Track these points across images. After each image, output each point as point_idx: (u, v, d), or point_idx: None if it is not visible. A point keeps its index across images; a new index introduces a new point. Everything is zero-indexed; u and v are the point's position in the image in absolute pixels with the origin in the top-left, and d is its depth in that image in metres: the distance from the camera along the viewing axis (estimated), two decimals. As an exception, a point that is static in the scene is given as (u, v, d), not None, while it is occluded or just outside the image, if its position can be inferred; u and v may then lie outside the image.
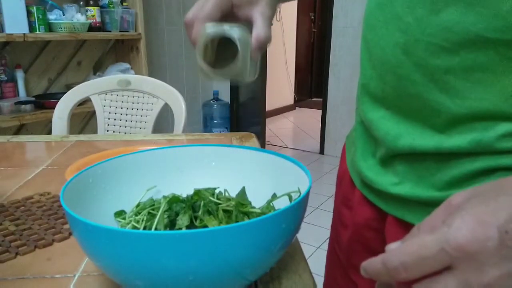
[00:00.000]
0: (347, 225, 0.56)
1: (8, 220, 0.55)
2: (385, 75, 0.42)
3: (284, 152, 3.58)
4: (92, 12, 2.25)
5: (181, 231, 0.34)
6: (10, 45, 2.12)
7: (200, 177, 0.52)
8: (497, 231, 0.25)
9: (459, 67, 0.36)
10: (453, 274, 0.26)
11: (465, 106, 0.36)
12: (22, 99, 2.11)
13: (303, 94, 5.61)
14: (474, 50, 0.34)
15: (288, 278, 0.43)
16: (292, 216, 0.38)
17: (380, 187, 0.46)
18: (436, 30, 0.36)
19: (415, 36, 0.37)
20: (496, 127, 0.36)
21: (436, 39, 0.36)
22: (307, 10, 5.31)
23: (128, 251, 0.32)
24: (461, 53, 0.35)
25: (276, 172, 0.49)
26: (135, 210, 0.47)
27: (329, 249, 0.64)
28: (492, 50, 0.34)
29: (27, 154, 0.92)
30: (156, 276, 0.33)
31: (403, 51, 0.39)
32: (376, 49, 0.43)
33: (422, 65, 0.38)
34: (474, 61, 0.35)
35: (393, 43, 0.40)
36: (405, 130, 0.42)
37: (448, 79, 0.37)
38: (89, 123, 2.56)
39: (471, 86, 0.36)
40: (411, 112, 0.41)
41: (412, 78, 0.39)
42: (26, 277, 0.44)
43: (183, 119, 1.29)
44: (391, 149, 0.44)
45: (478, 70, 0.35)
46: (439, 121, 0.39)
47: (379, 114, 0.45)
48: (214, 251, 0.33)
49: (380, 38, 0.42)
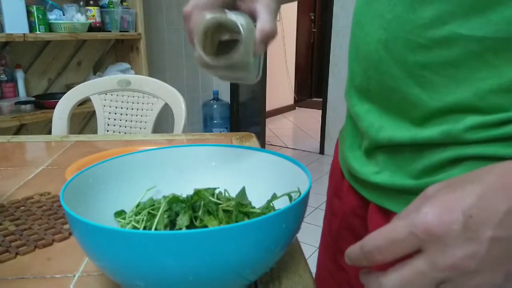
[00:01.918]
0: (337, 213, 0.58)
1: (8, 220, 0.55)
2: (369, 70, 0.44)
3: (284, 152, 3.58)
4: (92, 12, 2.25)
5: (181, 231, 0.34)
6: (10, 45, 2.12)
7: (200, 177, 0.52)
8: (461, 215, 0.27)
9: (434, 63, 0.37)
10: (421, 256, 0.28)
11: (439, 100, 0.38)
12: (22, 99, 2.11)
13: (303, 94, 5.61)
14: (448, 47, 0.36)
15: (288, 278, 0.43)
16: (292, 216, 0.38)
17: (363, 176, 0.48)
18: (413, 27, 0.37)
19: (394, 33, 0.39)
20: (465, 119, 0.37)
21: (414, 36, 0.38)
22: (307, 10, 5.31)
23: (128, 251, 0.32)
24: (436, 50, 0.37)
25: (276, 172, 0.49)
26: (135, 210, 0.47)
27: (322, 238, 0.66)
28: (464, 47, 0.35)
29: (27, 154, 0.92)
30: (156, 276, 0.33)
31: (384, 47, 0.40)
32: (362, 45, 0.44)
33: (401, 60, 0.39)
34: (448, 58, 0.36)
35: (376, 40, 0.41)
36: (387, 122, 0.43)
37: (425, 74, 0.38)
38: (89, 123, 2.56)
39: (444, 81, 0.37)
40: (392, 106, 0.43)
41: (392, 73, 0.40)
42: (26, 277, 0.44)
43: (183, 119, 1.29)
44: (373, 141, 0.45)
45: (451, 66, 0.36)
46: (416, 114, 0.40)
47: (364, 107, 0.47)
48: (214, 251, 0.33)
49: (366, 35, 0.43)
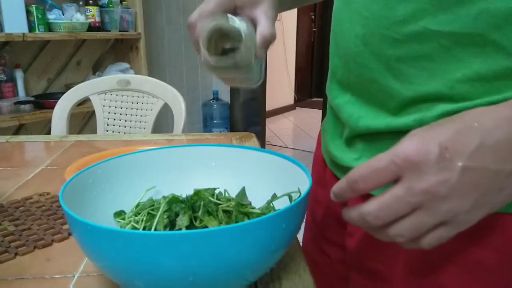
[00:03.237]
0: (321, 201, 0.60)
1: (8, 221, 0.55)
2: (348, 63, 0.46)
3: (284, 152, 3.58)
4: (91, 11, 2.25)
5: (181, 232, 0.34)
6: (9, 45, 2.11)
7: (200, 177, 0.52)
8: (438, 146, 0.30)
9: (408, 56, 0.40)
10: (399, 183, 0.31)
11: (412, 90, 0.41)
12: (21, 99, 2.10)
13: (303, 94, 5.61)
14: (420, 42, 0.39)
15: (288, 279, 0.43)
16: (292, 216, 0.38)
17: (344, 163, 0.50)
18: (389, 24, 0.40)
19: (372, 29, 0.42)
20: (436, 107, 0.40)
21: (389, 32, 0.40)
22: (307, 10, 5.31)
23: (128, 251, 0.32)
24: (410, 44, 0.39)
25: (276, 172, 0.49)
26: (134, 211, 0.47)
27: (306, 227, 0.68)
28: (435, 42, 0.38)
29: (26, 154, 0.92)
30: (155, 277, 0.33)
31: (363, 42, 0.43)
32: (341, 40, 0.47)
33: (378, 54, 0.42)
34: (421, 51, 0.39)
35: (355, 35, 0.44)
36: (365, 112, 0.46)
37: (400, 66, 0.41)
38: (89, 123, 2.56)
39: (418, 72, 0.40)
40: (370, 97, 0.45)
41: (370, 66, 0.43)
42: (26, 277, 0.44)
43: (183, 119, 1.29)
44: (353, 130, 0.48)
45: (423, 59, 0.39)
46: (392, 103, 0.43)
47: (345, 99, 0.49)
48: (214, 251, 0.32)
49: (345, 31, 0.46)
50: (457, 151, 0.30)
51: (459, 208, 0.31)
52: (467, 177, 0.30)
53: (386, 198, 0.32)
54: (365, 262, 0.50)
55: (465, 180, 0.30)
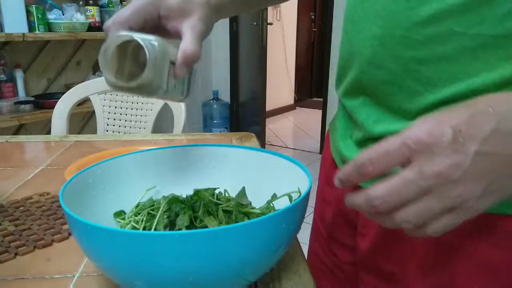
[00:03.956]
0: (330, 201, 0.59)
1: (8, 221, 0.55)
2: (363, 64, 0.45)
3: (284, 152, 3.58)
4: (91, 11, 2.25)
5: (181, 231, 0.34)
6: (9, 45, 2.12)
7: (200, 177, 0.52)
8: (451, 129, 0.29)
9: (430, 58, 0.39)
10: (410, 166, 0.30)
11: (434, 93, 0.39)
12: (21, 99, 2.11)
13: (303, 94, 5.61)
14: (444, 43, 0.37)
15: (288, 279, 0.43)
16: (292, 216, 0.38)
17: None
18: (410, 25, 0.39)
19: (391, 29, 0.40)
20: None
21: (410, 33, 0.39)
22: (307, 10, 5.31)
23: (128, 251, 0.32)
24: (432, 46, 0.38)
25: (276, 172, 0.49)
26: (134, 211, 0.47)
27: (313, 227, 0.67)
28: (459, 44, 0.37)
29: (26, 154, 0.92)
30: (156, 277, 0.33)
31: (380, 43, 0.42)
32: (355, 40, 0.46)
33: (397, 56, 0.41)
34: (443, 53, 0.38)
35: (371, 36, 0.42)
36: (383, 116, 0.45)
37: (420, 69, 0.39)
38: (89, 123, 2.56)
39: (439, 75, 0.39)
40: (386, 99, 0.44)
41: (388, 68, 0.42)
42: (26, 277, 0.44)
43: (183, 119, 1.29)
44: (368, 133, 0.46)
45: (446, 61, 0.38)
46: (412, 107, 0.41)
47: (358, 101, 0.48)
48: (214, 251, 0.32)
49: (359, 31, 0.44)
50: (471, 135, 0.29)
51: (470, 194, 0.30)
52: (480, 162, 0.29)
53: (396, 182, 0.31)
54: (377, 263, 0.49)
55: (478, 165, 0.29)
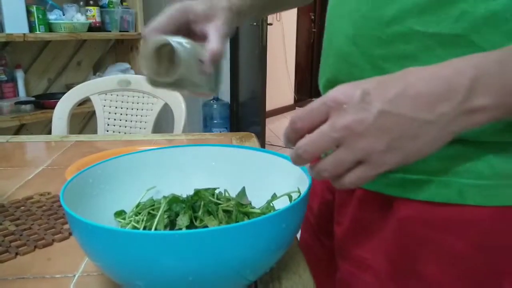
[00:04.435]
0: (317, 192, 0.62)
1: (8, 220, 0.55)
2: (340, 62, 0.48)
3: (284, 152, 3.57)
4: (92, 12, 2.25)
5: (181, 231, 0.34)
6: (10, 45, 2.12)
7: (200, 177, 0.52)
8: (361, 91, 0.34)
9: (394, 56, 0.42)
10: (326, 122, 0.35)
11: None
12: (22, 99, 2.10)
13: (303, 94, 5.61)
14: (406, 42, 0.41)
15: (288, 278, 0.43)
16: (292, 216, 0.38)
17: None
18: (377, 25, 0.42)
19: (361, 29, 0.44)
20: None
21: (377, 32, 0.42)
22: (307, 10, 5.31)
23: (128, 251, 0.32)
24: (396, 44, 0.41)
25: (276, 172, 0.49)
26: (135, 210, 0.47)
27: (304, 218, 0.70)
28: (420, 42, 0.40)
29: (27, 154, 0.92)
30: (156, 276, 0.33)
31: (353, 42, 0.45)
32: (334, 40, 0.49)
33: (367, 54, 0.44)
34: (406, 51, 0.41)
35: (345, 35, 0.46)
36: None
37: (387, 66, 0.42)
38: (89, 123, 2.56)
39: None
40: None
41: (359, 65, 0.45)
42: (26, 277, 0.44)
43: (183, 119, 1.29)
44: None
45: (408, 58, 0.40)
46: None
47: None
48: (214, 251, 0.33)
49: (337, 31, 0.48)
50: (377, 96, 0.34)
51: (373, 147, 0.34)
52: (382, 120, 0.33)
53: (315, 134, 0.35)
54: (351, 250, 0.52)
55: (381, 121, 0.33)
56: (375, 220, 0.48)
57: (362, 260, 0.50)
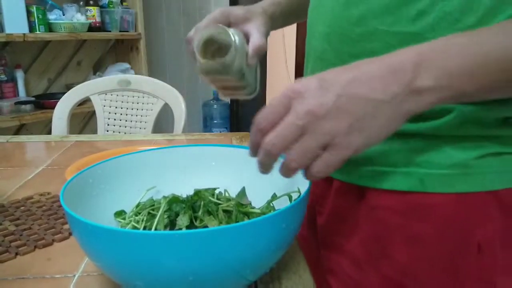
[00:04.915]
0: None
1: (8, 220, 0.55)
2: (317, 60, 0.51)
3: (284, 152, 3.56)
4: (92, 12, 2.25)
5: (181, 231, 0.34)
6: (10, 45, 2.12)
7: (200, 177, 0.52)
8: (317, 79, 0.36)
9: (362, 54, 0.44)
10: (289, 112, 0.36)
11: None
12: (22, 99, 2.10)
13: (303, 94, 5.61)
14: (371, 41, 0.44)
15: (288, 278, 0.43)
16: (292, 216, 0.38)
17: None
18: (346, 24, 0.45)
19: (333, 28, 0.47)
20: None
21: (346, 31, 0.45)
22: (307, 10, 5.31)
23: (128, 251, 0.32)
24: (362, 43, 0.44)
25: (276, 172, 0.49)
26: (135, 210, 0.47)
27: None
28: (383, 41, 0.43)
29: (27, 154, 0.92)
30: (156, 276, 0.33)
31: (327, 40, 0.48)
32: (311, 39, 0.52)
33: (338, 51, 0.47)
34: (372, 49, 0.44)
35: (321, 34, 0.49)
36: None
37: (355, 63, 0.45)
38: (89, 123, 2.56)
39: None
40: None
41: (332, 63, 0.47)
42: (26, 277, 0.44)
43: (183, 119, 1.29)
44: None
45: (374, 56, 0.41)
46: None
47: None
48: (214, 251, 0.33)
49: (314, 30, 0.51)
50: (334, 82, 0.36)
51: (336, 130, 0.35)
52: (342, 102, 0.35)
53: (280, 126, 0.36)
54: (331, 238, 0.55)
55: (340, 103, 0.35)
56: (351, 209, 0.51)
57: (340, 246, 0.53)
